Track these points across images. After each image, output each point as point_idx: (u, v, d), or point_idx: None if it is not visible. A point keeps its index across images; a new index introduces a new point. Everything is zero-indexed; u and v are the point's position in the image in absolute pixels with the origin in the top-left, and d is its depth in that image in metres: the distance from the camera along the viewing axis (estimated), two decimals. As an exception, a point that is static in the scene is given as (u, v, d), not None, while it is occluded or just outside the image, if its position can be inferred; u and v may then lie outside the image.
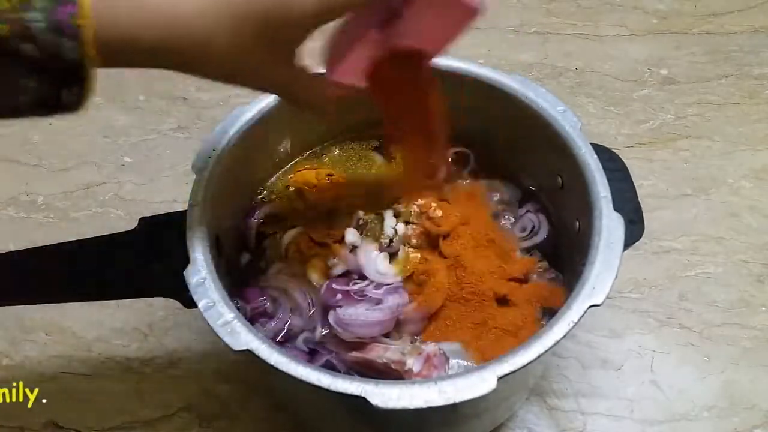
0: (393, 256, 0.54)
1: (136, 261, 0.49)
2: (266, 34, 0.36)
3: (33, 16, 0.30)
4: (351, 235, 0.54)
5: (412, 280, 0.53)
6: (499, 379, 0.40)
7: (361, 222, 0.56)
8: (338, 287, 0.51)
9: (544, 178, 0.58)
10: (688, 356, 0.65)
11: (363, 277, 0.52)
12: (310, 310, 0.52)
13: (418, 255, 0.54)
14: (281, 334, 0.52)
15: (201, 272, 0.45)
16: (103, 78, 0.34)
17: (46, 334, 0.68)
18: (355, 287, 0.51)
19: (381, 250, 0.53)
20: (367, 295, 0.50)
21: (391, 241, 0.54)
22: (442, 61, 0.57)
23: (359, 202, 0.58)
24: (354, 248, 0.54)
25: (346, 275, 0.53)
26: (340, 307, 0.50)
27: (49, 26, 0.30)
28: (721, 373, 0.64)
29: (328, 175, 0.61)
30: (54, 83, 0.33)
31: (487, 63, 0.57)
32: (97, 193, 0.79)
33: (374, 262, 0.51)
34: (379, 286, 0.51)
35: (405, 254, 0.54)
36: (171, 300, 0.51)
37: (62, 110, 0.34)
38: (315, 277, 0.54)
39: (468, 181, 0.61)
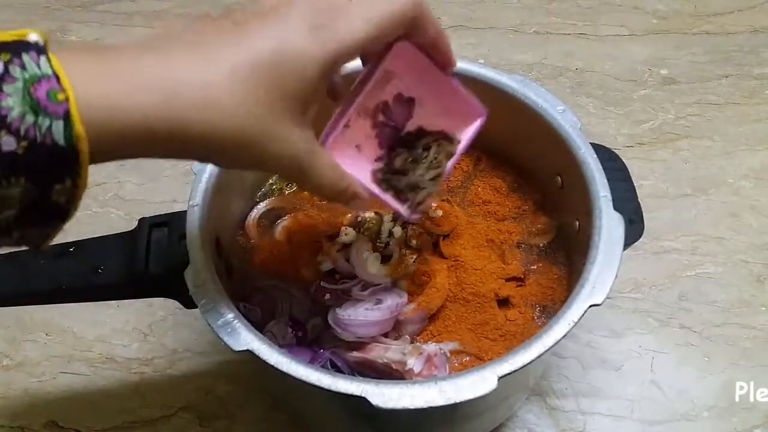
0: (387, 258, 0.54)
1: (135, 261, 0.48)
2: (278, 84, 0.32)
3: (6, 102, 0.25)
4: (347, 234, 0.54)
5: (413, 281, 0.53)
6: (500, 378, 0.40)
7: (359, 219, 0.56)
8: (327, 286, 0.51)
9: (544, 177, 0.58)
10: (688, 356, 0.65)
11: (350, 277, 0.52)
12: (308, 303, 0.53)
13: (414, 257, 0.54)
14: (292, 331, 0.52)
15: (201, 273, 0.45)
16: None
17: (46, 334, 0.68)
18: (342, 287, 0.51)
19: (375, 251, 0.53)
20: (352, 295, 0.50)
21: (387, 244, 0.54)
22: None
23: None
24: (344, 247, 0.54)
25: (334, 273, 0.53)
26: (330, 306, 0.50)
27: (28, 108, 0.25)
28: (721, 373, 0.64)
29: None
30: (41, 179, 0.26)
31: (487, 63, 0.57)
32: (97, 193, 0.79)
33: (366, 261, 0.51)
34: (366, 286, 0.51)
35: (398, 257, 0.54)
36: (171, 300, 0.51)
37: (52, 218, 0.28)
38: (305, 271, 0.54)
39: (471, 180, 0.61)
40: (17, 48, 0.26)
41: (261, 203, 0.59)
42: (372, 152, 0.44)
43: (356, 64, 0.40)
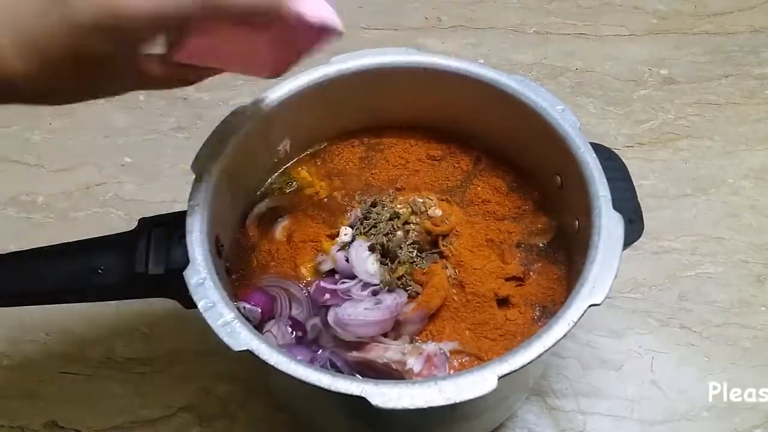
0: (387, 258, 0.54)
1: (135, 261, 0.48)
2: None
3: None
4: (345, 234, 0.54)
5: (413, 280, 0.53)
6: (500, 378, 0.40)
7: (359, 219, 0.56)
8: (326, 286, 0.51)
9: (544, 177, 0.58)
10: (688, 356, 0.65)
11: (350, 277, 0.52)
12: (308, 302, 0.53)
13: (414, 257, 0.54)
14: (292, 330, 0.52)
15: (201, 273, 0.45)
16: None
17: (46, 334, 0.68)
18: (342, 287, 0.51)
19: (375, 251, 0.53)
20: (351, 295, 0.50)
21: (387, 244, 0.54)
22: (442, 61, 0.58)
23: (357, 200, 0.59)
24: (343, 247, 0.54)
25: (334, 273, 0.53)
26: (329, 306, 0.50)
27: None
28: (721, 373, 0.64)
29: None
30: None
31: (487, 63, 0.58)
32: (97, 193, 0.79)
33: (365, 261, 0.51)
34: (366, 286, 0.51)
35: (398, 257, 0.54)
36: (171, 300, 0.51)
37: None
38: (304, 271, 0.54)
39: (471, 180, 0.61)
40: None
41: (261, 203, 0.59)
42: None
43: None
